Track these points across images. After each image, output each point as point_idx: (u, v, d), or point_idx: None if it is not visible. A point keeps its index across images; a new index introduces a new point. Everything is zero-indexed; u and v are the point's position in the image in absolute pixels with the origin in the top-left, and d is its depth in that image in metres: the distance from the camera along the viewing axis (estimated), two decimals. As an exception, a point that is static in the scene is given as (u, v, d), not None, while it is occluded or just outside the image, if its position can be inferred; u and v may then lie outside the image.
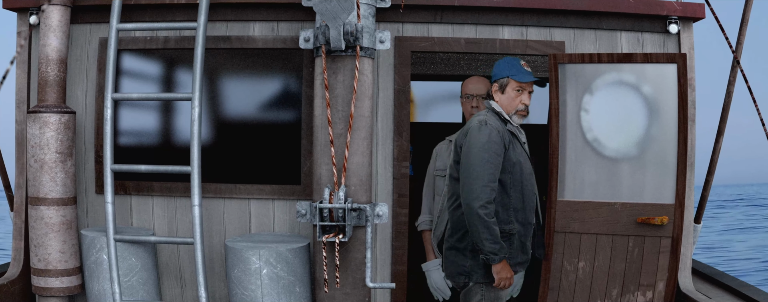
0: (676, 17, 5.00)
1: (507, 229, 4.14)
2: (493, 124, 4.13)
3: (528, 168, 4.18)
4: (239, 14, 4.94)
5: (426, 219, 4.74)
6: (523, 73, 4.19)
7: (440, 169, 4.72)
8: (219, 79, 5.00)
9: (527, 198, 4.15)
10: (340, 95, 4.44)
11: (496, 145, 4.07)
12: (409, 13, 4.91)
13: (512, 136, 4.16)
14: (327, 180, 4.43)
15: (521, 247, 4.16)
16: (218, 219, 4.96)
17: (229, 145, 5.00)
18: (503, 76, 4.26)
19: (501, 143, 4.08)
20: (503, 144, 4.09)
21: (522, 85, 4.18)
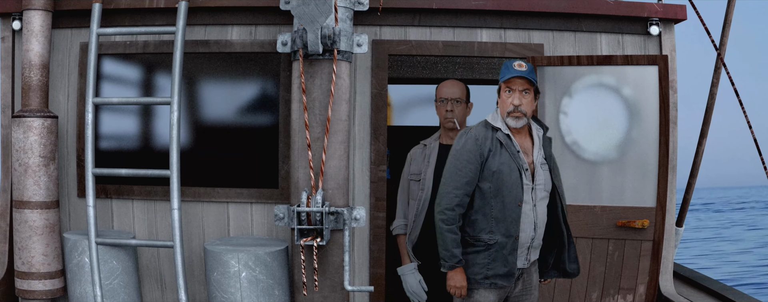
0: (657, 19, 5.06)
1: (485, 239, 4.07)
2: (474, 132, 4.12)
3: (513, 177, 4.03)
4: (217, 18, 5.03)
5: (400, 224, 4.80)
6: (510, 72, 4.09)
7: (414, 174, 4.77)
8: (198, 83, 5.09)
9: (509, 209, 4.03)
10: (318, 99, 4.50)
11: (469, 153, 4.05)
12: (386, 16, 4.99)
13: (500, 144, 4.07)
14: (304, 183, 4.49)
15: (503, 260, 4.05)
16: (197, 222, 5.05)
17: (208, 148, 5.09)
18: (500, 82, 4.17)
19: (476, 151, 4.05)
20: (480, 152, 4.05)
21: (508, 84, 4.08)
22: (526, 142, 4.17)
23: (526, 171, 4.07)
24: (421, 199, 4.69)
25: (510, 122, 4.10)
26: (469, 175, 4.03)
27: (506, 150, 4.06)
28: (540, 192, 4.12)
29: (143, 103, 4.64)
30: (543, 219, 4.14)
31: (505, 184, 4.02)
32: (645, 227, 4.82)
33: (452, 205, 4.01)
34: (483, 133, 4.10)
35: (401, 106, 7.46)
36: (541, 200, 4.13)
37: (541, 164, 4.15)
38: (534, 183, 4.09)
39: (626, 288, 4.82)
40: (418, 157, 4.79)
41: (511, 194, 4.03)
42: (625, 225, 4.85)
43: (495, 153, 4.06)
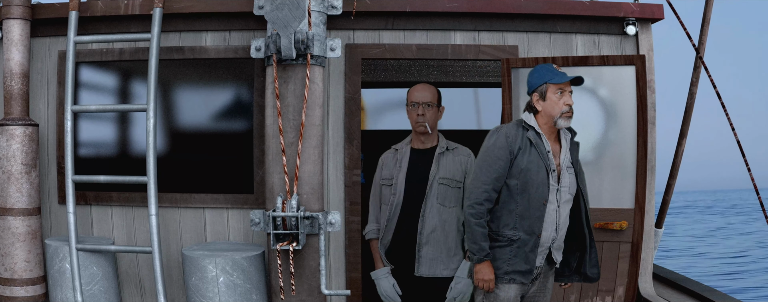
0: (633, 19, 5.10)
1: (508, 235, 4.13)
2: (506, 129, 4.18)
3: (540, 176, 4.10)
4: (191, 24, 5.11)
5: (373, 228, 4.87)
6: (558, 75, 4.15)
7: (386, 179, 4.85)
8: (173, 89, 5.17)
9: (533, 207, 4.09)
10: (291, 104, 4.57)
11: (499, 149, 4.12)
12: (360, 20, 5.06)
13: (530, 143, 4.13)
14: (279, 188, 4.57)
15: (524, 257, 4.10)
16: (175, 228, 5.14)
17: (184, 154, 5.17)
18: (540, 84, 4.18)
19: (506, 147, 4.11)
20: (510, 149, 4.11)
21: (560, 86, 4.13)
22: (555, 144, 4.24)
23: (553, 172, 4.15)
24: (393, 204, 4.77)
25: (562, 123, 4.17)
26: (498, 171, 4.12)
27: (536, 149, 4.13)
28: (565, 195, 4.18)
29: (120, 110, 4.73)
30: (565, 221, 4.22)
31: (532, 182, 4.10)
32: (623, 229, 4.85)
33: (481, 200, 4.09)
34: (514, 131, 4.17)
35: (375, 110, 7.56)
36: (566, 202, 4.20)
37: (567, 167, 4.22)
38: (559, 184, 4.16)
39: (605, 290, 4.86)
40: (390, 162, 4.85)
41: (538, 192, 4.11)
42: (603, 227, 4.88)
43: (524, 151, 4.13)
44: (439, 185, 4.74)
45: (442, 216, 4.71)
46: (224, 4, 4.99)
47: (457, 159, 4.82)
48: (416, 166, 4.80)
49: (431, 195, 4.74)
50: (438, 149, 4.83)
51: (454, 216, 4.75)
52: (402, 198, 4.75)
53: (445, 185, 4.75)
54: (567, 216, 4.21)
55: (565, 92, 4.14)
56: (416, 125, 4.79)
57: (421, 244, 4.71)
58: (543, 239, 4.14)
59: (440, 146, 4.84)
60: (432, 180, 4.75)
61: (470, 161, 4.82)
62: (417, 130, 4.80)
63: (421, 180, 4.77)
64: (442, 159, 4.80)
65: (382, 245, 4.80)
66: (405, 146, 4.87)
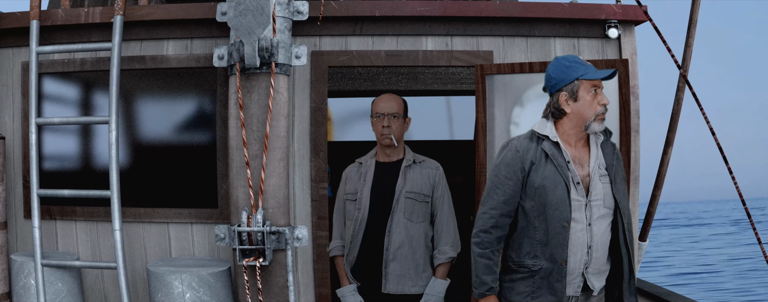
0: (616, 21, 5.08)
1: (529, 265, 3.81)
2: (516, 143, 3.88)
3: (558, 193, 3.74)
4: (152, 32, 5.14)
5: (337, 245, 4.86)
6: (593, 69, 3.78)
7: (350, 193, 4.86)
8: (135, 100, 5.21)
9: (553, 231, 3.73)
10: (255, 115, 4.59)
11: (507, 167, 3.81)
12: (327, 26, 5.08)
13: (546, 155, 3.79)
14: (244, 203, 4.60)
15: (549, 288, 3.76)
16: (139, 243, 5.17)
17: (147, 168, 5.21)
18: (570, 81, 3.78)
19: (516, 165, 3.79)
20: (521, 166, 3.78)
21: (595, 83, 3.77)
22: (583, 150, 3.89)
23: (577, 185, 3.78)
24: (358, 220, 4.79)
25: (596, 127, 3.80)
26: (507, 193, 3.80)
27: (552, 162, 3.78)
28: (598, 209, 3.81)
29: (82, 122, 4.80)
30: (602, 240, 3.82)
31: (549, 202, 3.75)
32: (606, 242, 4.75)
33: (487, 227, 3.81)
34: (525, 144, 3.85)
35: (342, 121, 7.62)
36: (600, 218, 3.81)
37: (600, 176, 3.84)
38: (589, 198, 3.80)
39: (587, 306, 4.76)
40: (354, 176, 4.85)
41: (557, 213, 3.74)
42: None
43: (538, 166, 3.79)
44: (406, 199, 4.75)
45: (409, 231, 4.69)
46: (186, 11, 5.03)
47: (425, 173, 4.81)
48: (382, 180, 4.81)
49: (398, 210, 4.74)
50: (404, 162, 4.83)
51: (421, 231, 4.76)
52: (367, 213, 4.76)
53: (412, 199, 4.75)
54: (605, 233, 3.82)
55: (599, 90, 3.78)
56: (381, 137, 4.79)
57: (388, 261, 4.72)
58: (571, 266, 3.78)
59: (407, 159, 4.84)
60: (398, 195, 4.75)
61: (439, 174, 4.81)
62: (382, 142, 4.81)
63: (386, 194, 4.78)
64: (408, 173, 4.80)
65: (347, 262, 4.79)
66: (369, 159, 4.89)
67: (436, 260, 4.76)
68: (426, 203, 4.76)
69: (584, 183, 3.80)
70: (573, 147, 3.84)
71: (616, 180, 3.86)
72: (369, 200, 4.76)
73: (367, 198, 4.76)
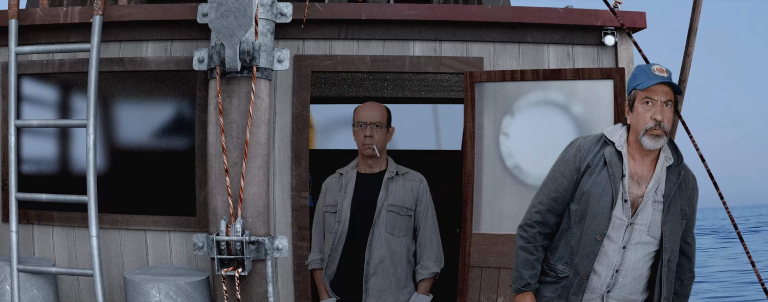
0: (612, 28, 5.00)
1: (559, 270, 3.70)
2: (580, 141, 3.75)
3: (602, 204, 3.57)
4: (132, 33, 5.09)
5: (316, 258, 4.80)
6: (650, 78, 3.57)
7: (330, 205, 4.77)
8: (113, 104, 5.17)
9: (586, 241, 3.59)
10: (235, 121, 4.55)
11: (565, 164, 3.70)
12: (311, 29, 5.02)
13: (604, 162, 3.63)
14: (223, 211, 4.56)
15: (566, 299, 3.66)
16: (116, 250, 5.12)
17: (124, 173, 5.17)
18: (630, 90, 3.65)
19: (573, 163, 3.66)
20: (577, 166, 3.65)
21: (648, 93, 3.55)
22: (647, 169, 3.68)
23: (625, 203, 3.61)
24: (338, 232, 4.69)
25: (648, 143, 3.58)
26: (558, 190, 3.68)
27: (608, 169, 3.62)
28: (639, 235, 3.62)
29: (60, 125, 4.81)
30: (634, 268, 3.64)
31: (591, 210, 3.61)
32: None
33: (532, 221, 3.71)
34: (589, 145, 3.72)
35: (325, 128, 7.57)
36: (639, 244, 3.63)
37: (653, 201, 3.64)
38: (632, 219, 3.62)
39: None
40: (334, 187, 4.79)
41: (593, 224, 3.60)
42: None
43: (594, 170, 3.65)
44: (388, 212, 4.65)
45: (390, 245, 4.62)
46: (166, 12, 4.98)
47: (408, 186, 4.72)
48: (363, 192, 4.71)
49: (379, 224, 4.64)
50: (387, 174, 4.73)
51: (403, 246, 4.68)
52: (347, 226, 4.67)
53: (394, 213, 4.65)
54: (640, 261, 3.63)
55: (655, 102, 3.54)
56: (363, 147, 4.70)
57: (369, 275, 4.65)
58: (593, 283, 3.63)
59: (389, 171, 4.74)
60: (380, 208, 4.65)
61: (422, 187, 4.71)
62: (364, 152, 4.71)
63: (368, 207, 4.68)
64: (391, 185, 4.71)
65: (326, 275, 4.73)
66: (351, 170, 4.80)
67: (419, 275, 4.67)
68: (408, 217, 4.67)
69: (634, 203, 3.63)
70: (637, 162, 3.66)
71: (670, 211, 3.65)
72: (349, 213, 4.66)
73: (347, 211, 4.66)
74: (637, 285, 3.66)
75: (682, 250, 3.74)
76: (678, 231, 3.66)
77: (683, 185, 3.67)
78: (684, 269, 3.78)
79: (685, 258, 3.77)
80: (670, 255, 3.63)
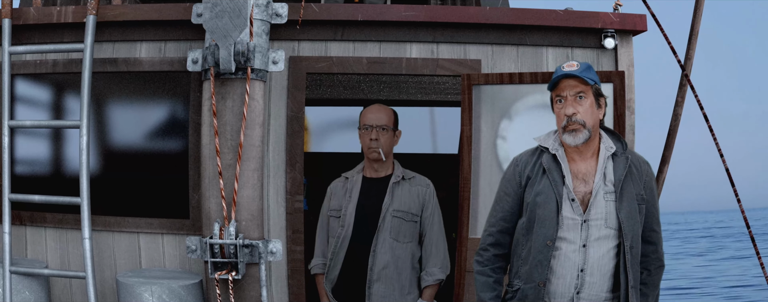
0: (612, 30, 4.99)
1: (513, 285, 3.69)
2: (518, 156, 3.79)
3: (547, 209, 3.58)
4: (126, 34, 5.10)
5: (319, 263, 4.80)
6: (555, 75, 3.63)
7: (334, 209, 4.74)
8: (106, 105, 5.18)
9: (536, 249, 3.58)
10: (229, 122, 4.56)
11: (507, 182, 3.74)
12: (306, 30, 5.01)
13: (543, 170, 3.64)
14: (216, 214, 4.56)
15: None
16: (109, 252, 5.12)
17: (118, 175, 5.18)
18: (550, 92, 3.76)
19: (514, 180, 3.70)
20: (519, 181, 3.69)
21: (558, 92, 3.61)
22: (589, 163, 3.69)
23: (572, 202, 3.60)
24: (341, 236, 4.67)
25: (567, 139, 3.61)
26: (505, 209, 3.73)
27: (548, 176, 3.65)
28: (597, 230, 3.59)
29: (54, 126, 4.83)
30: (601, 264, 3.60)
31: (538, 218, 3.62)
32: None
33: (485, 245, 3.75)
34: (526, 158, 3.75)
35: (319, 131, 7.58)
36: (600, 240, 3.60)
37: (604, 193, 3.63)
38: (586, 216, 3.59)
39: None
40: (339, 192, 4.78)
41: (541, 230, 3.61)
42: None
43: (535, 180, 3.67)
44: (393, 218, 4.63)
45: (395, 252, 4.63)
46: (160, 12, 4.99)
47: (414, 191, 4.70)
48: (368, 197, 4.70)
49: (384, 229, 4.63)
50: (393, 178, 4.72)
51: (408, 252, 4.66)
52: (351, 231, 4.65)
53: (399, 218, 4.64)
54: (604, 257, 3.59)
55: (565, 98, 3.59)
56: (369, 151, 4.68)
57: (372, 281, 4.64)
58: (555, 289, 3.59)
59: (395, 175, 4.73)
60: (385, 213, 4.63)
61: (429, 192, 4.70)
62: (369, 156, 4.70)
63: (373, 212, 4.67)
64: (396, 190, 4.69)
65: (328, 281, 4.74)
66: (356, 174, 4.79)
67: (424, 281, 4.66)
68: (414, 223, 4.65)
69: (584, 200, 3.62)
70: (578, 161, 3.67)
71: (624, 198, 3.63)
72: (353, 217, 4.64)
73: (351, 216, 4.65)
74: (607, 282, 3.62)
75: (647, 238, 3.73)
76: (636, 217, 3.65)
77: (634, 170, 3.68)
78: (650, 258, 3.77)
79: (650, 246, 3.75)
80: (631, 241, 3.61)
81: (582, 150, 3.64)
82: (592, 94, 3.62)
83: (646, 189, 3.71)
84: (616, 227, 3.60)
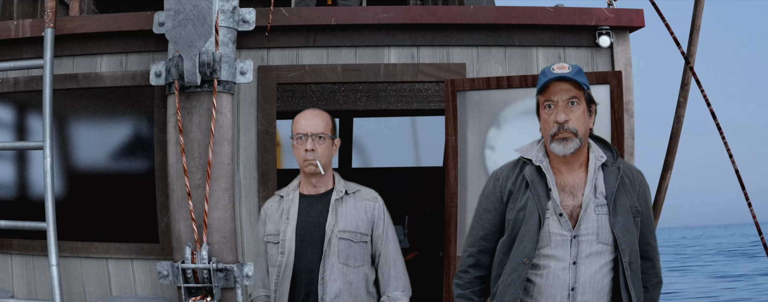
0: (608, 27, 4.77)
1: None
2: (498, 169, 3.56)
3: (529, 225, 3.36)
4: (85, 47, 4.94)
5: (260, 294, 4.20)
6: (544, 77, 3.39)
7: (271, 234, 4.13)
8: (69, 124, 5.05)
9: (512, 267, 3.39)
10: (196, 139, 4.43)
11: (486, 199, 3.51)
12: (275, 37, 4.84)
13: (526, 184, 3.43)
14: (187, 237, 4.45)
15: None
16: (77, 279, 4.98)
17: (83, 198, 5.04)
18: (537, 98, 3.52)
19: (494, 195, 3.47)
20: (500, 197, 3.46)
21: (547, 96, 3.37)
22: (577, 175, 3.46)
23: (560, 217, 3.38)
24: (283, 265, 4.05)
25: (557, 149, 3.37)
26: (486, 227, 3.49)
27: (531, 189, 3.42)
28: (588, 246, 3.37)
29: (16, 148, 4.74)
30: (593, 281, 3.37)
31: (519, 235, 3.40)
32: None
33: (465, 267, 3.53)
34: (507, 171, 3.52)
35: None
36: (592, 256, 3.37)
37: (595, 206, 3.40)
38: (576, 231, 3.37)
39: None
40: (275, 213, 4.17)
41: (521, 247, 3.39)
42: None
43: (517, 195, 3.45)
44: (340, 240, 4.04)
45: (346, 277, 4.05)
46: (120, 22, 4.83)
47: (361, 206, 4.11)
48: (308, 217, 4.09)
49: (331, 254, 4.03)
50: (334, 194, 4.10)
51: (361, 276, 4.10)
52: (293, 258, 4.04)
53: (347, 240, 4.05)
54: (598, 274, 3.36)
55: (557, 104, 3.35)
56: (304, 164, 4.06)
57: None
58: None
59: (337, 190, 4.11)
60: (330, 235, 4.03)
61: (377, 207, 4.11)
62: (305, 170, 4.08)
63: (315, 235, 4.07)
64: (340, 208, 4.08)
65: None
66: (292, 192, 4.18)
67: None
68: (364, 243, 4.08)
69: (573, 215, 3.38)
70: (565, 172, 3.43)
71: (618, 211, 3.38)
72: (294, 243, 4.04)
73: (291, 241, 4.03)
74: (600, 300, 3.38)
75: (644, 253, 3.48)
76: (633, 230, 3.40)
77: (626, 181, 3.44)
78: (647, 274, 3.54)
79: (647, 262, 3.51)
80: (630, 257, 3.37)
81: (570, 160, 3.40)
82: (585, 100, 3.39)
83: (641, 200, 3.48)
84: (611, 242, 3.36)
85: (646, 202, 3.51)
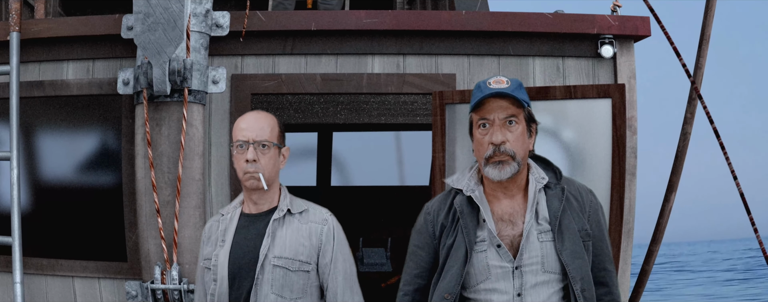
0: (611, 36, 4.58)
1: None
2: (428, 205, 3.35)
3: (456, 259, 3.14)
4: (52, 52, 4.80)
5: None
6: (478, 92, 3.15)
7: (207, 258, 3.64)
8: (36, 134, 4.94)
9: None
10: (166, 153, 4.30)
11: (418, 234, 3.32)
12: (250, 43, 4.66)
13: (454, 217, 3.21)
14: (156, 256, 4.33)
15: None
16: (41, 299, 4.85)
17: (49, 212, 4.93)
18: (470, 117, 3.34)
19: (426, 231, 3.27)
20: (432, 232, 3.26)
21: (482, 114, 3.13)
22: (516, 201, 3.23)
23: (498, 249, 3.15)
24: (216, 294, 3.57)
25: (492, 173, 3.13)
26: (420, 265, 3.29)
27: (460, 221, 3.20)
28: (533, 276, 3.16)
29: None
30: None
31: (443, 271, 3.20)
32: (591, 308, 4.18)
33: None
34: (438, 204, 3.31)
35: None
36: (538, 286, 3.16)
37: (539, 233, 3.17)
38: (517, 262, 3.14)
39: None
40: (214, 234, 3.68)
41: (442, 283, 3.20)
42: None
43: (449, 229, 3.24)
44: (275, 267, 3.53)
45: None
46: (87, 25, 4.69)
47: (305, 229, 3.58)
48: (244, 240, 3.58)
49: (263, 282, 3.51)
50: (275, 213, 3.59)
51: None
52: (226, 285, 3.54)
53: (282, 267, 3.53)
54: None
55: (492, 122, 3.12)
56: (245, 177, 3.54)
57: None
58: None
59: (279, 209, 3.60)
60: (263, 260, 3.51)
61: (326, 230, 3.59)
62: (245, 184, 3.58)
63: (249, 260, 3.55)
64: (279, 230, 3.56)
65: None
66: (234, 210, 3.70)
67: None
68: (305, 272, 3.54)
69: (513, 245, 3.15)
70: (502, 199, 3.20)
71: (565, 237, 3.15)
72: (226, 268, 3.53)
73: (223, 267, 3.53)
74: None
75: (599, 279, 3.24)
76: (583, 256, 3.16)
77: (573, 202, 3.21)
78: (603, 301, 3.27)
79: (602, 288, 3.26)
80: (581, 284, 3.13)
81: (507, 185, 3.16)
82: (524, 119, 3.14)
83: (592, 222, 3.23)
84: (559, 270, 3.14)
85: (599, 223, 3.26)
